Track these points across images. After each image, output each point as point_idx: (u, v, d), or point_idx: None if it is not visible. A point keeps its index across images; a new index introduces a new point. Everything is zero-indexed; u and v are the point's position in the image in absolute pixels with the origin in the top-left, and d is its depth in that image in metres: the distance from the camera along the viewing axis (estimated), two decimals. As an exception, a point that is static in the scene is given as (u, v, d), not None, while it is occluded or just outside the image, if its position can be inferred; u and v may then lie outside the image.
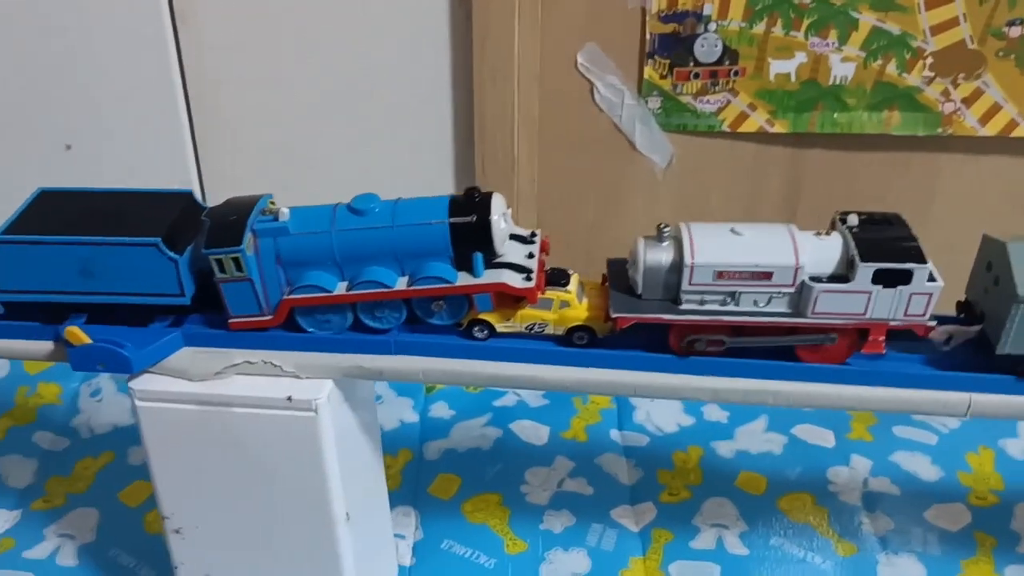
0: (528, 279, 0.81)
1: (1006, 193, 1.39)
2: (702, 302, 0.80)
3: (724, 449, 1.32)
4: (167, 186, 0.92)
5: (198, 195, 0.90)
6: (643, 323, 0.80)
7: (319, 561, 0.91)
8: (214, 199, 0.86)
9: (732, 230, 0.80)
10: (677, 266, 0.78)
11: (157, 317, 0.86)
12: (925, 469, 1.29)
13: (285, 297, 0.83)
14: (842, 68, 1.32)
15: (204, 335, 0.85)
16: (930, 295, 0.78)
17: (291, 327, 0.85)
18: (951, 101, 1.33)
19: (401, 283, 0.82)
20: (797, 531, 1.18)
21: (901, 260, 0.76)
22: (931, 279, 0.77)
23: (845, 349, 0.81)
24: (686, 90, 1.35)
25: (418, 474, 1.27)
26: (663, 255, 0.79)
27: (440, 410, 1.39)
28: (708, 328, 0.80)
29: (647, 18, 1.31)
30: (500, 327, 0.84)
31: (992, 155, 1.38)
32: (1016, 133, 1.34)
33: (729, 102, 1.35)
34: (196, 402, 0.84)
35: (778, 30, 1.30)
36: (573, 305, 0.84)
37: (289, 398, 0.82)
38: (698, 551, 1.15)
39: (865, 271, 0.77)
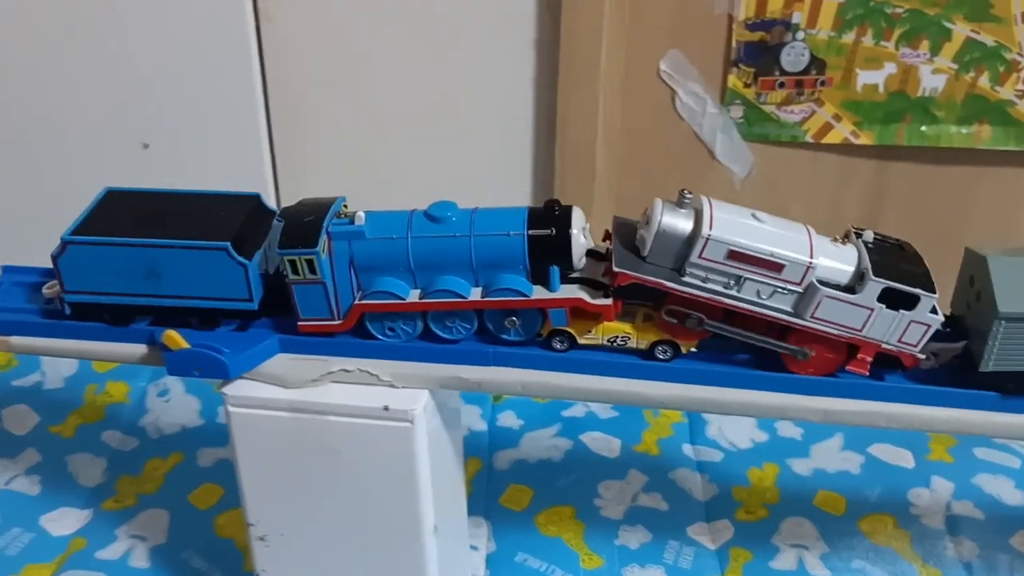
0: (605, 296, 0.80)
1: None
2: (705, 279, 0.77)
3: (800, 467, 1.29)
4: (241, 189, 0.90)
5: (272, 199, 0.90)
6: (642, 284, 0.77)
7: (405, 572, 0.89)
8: (288, 203, 0.85)
9: (754, 215, 0.77)
10: (690, 236, 0.76)
11: (223, 321, 0.85)
12: (1009, 493, 1.26)
13: (357, 302, 0.81)
14: (932, 80, 1.28)
15: (301, 342, 0.84)
16: (928, 327, 0.76)
17: (360, 333, 0.84)
18: (1044, 115, 1.29)
19: (475, 294, 0.81)
20: (880, 554, 1.15)
21: (912, 284, 0.75)
22: (933, 311, 0.76)
23: (833, 362, 0.80)
24: (770, 99, 1.32)
25: (488, 484, 1.25)
26: (680, 221, 0.76)
27: (508, 419, 1.37)
28: (704, 306, 0.78)
29: (734, 25, 1.28)
30: (581, 339, 0.82)
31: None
32: (1110, 150, 1.31)
33: (814, 112, 1.32)
34: (291, 409, 0.82)
35: (868, 40, 1.27)
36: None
37: (386, 407, 0.81)
38: (779, 571, 1.12)
39: (874, 287, 0.75)
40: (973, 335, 0.79)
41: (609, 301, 0.79)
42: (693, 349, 0.82)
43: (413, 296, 0.81)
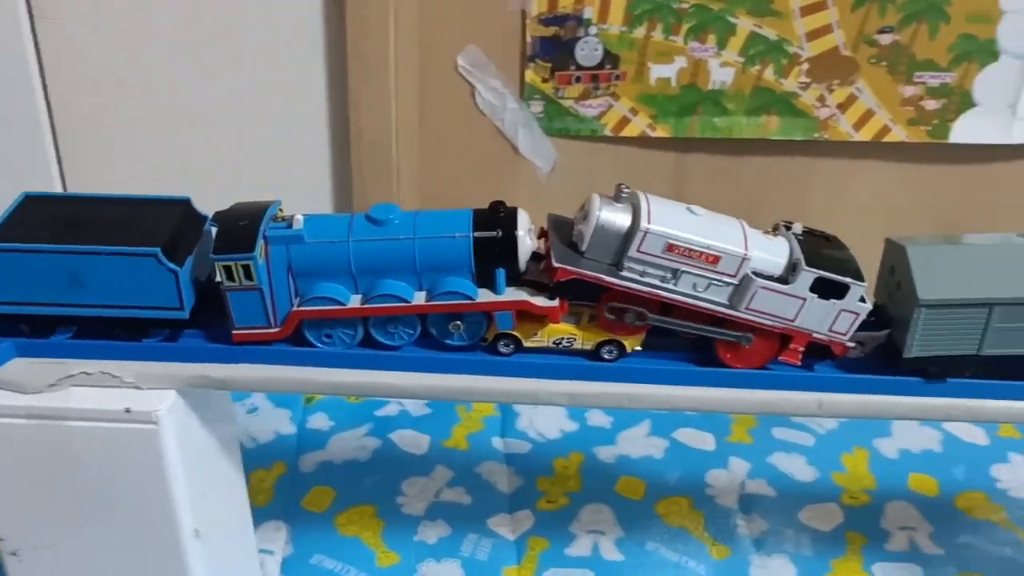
0: (551, 298, 0.79)
1: (879, 196, 1.42)
2: (643, 273, 0.77)
3: (605, 454, 1.32)
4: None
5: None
6: (582, 279, 0.77)
7: (168, 580, 0.87)
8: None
9: (689, 209, 0.78)
10: (628, 231, 0.76)
11: (152, 331, 0.81)
12: (801, 470, 1.30)
13: (295, 309, 0.79)
14: (721, 73, 1.32)
15: (39, 346, 0.81)
16: (857, 315, 0.78)
17: (298, 341, 0.81)
18: (827, 107, 1.35)
19: (419, 298, 0.79)
20: (673, 535, 1.18)
21: (841, 274, 0.77)
22: (862, 300, 0.78)
23: (767, 353, 0.81)
24: (568, 94, 1.34)
25: (292, 487, 1.23)
26: (618, 215, 0.77)
27: (319, 421, 1.36)
28: (643, 300, 0.78)
29: (527, 21, 1.29)
30: (527, 342, 0.81)
31: (867, 159, 1.40)
32: (889, 138, 1.37)
33: (611, 106, 1.34)
34: (28, 416, 0.79)
35: (658, 34, 1.30)
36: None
37: (127, 410, 0.78)
38: (573, 558, 1.14)
39: (806, 276, 0.76)
40: (896, 323, 0.81)
41: (555, 303, 0.78)
42: (638, 348, 0.82)
43: (354, 301, 0.79)
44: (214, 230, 0.79)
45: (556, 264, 0.76)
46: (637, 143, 1.38)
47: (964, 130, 1.36)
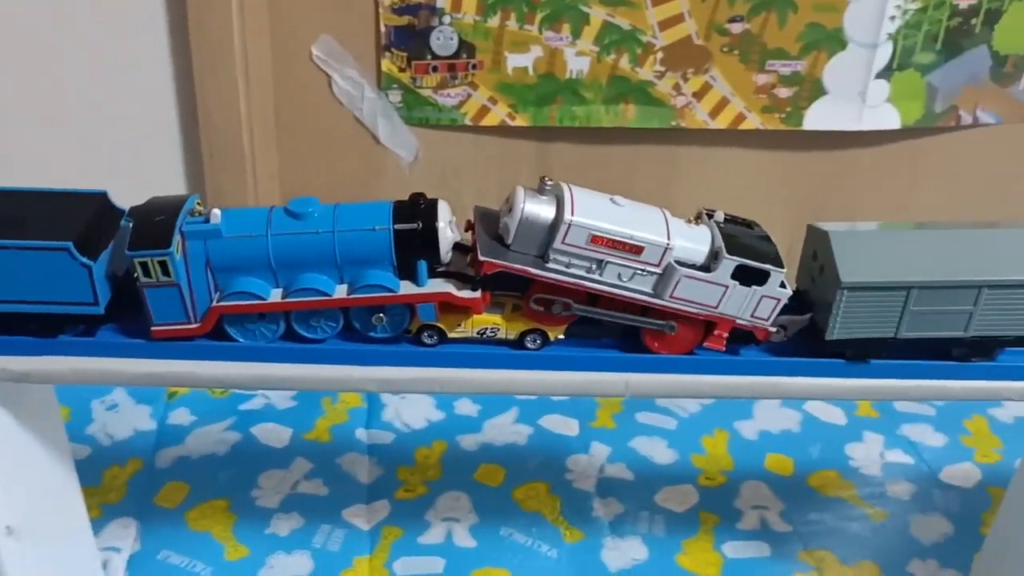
0: (474, 289, 0.79)
1: (742, 183, 1.45)
2: (568, 265, 0.77)
3: (469, 443, 1.32)
4: None
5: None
6: (508, 272, 0.77)
7: (-17, 580, 0.85)
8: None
9: (612, 200, 0.78)
10: (553, 223, 0.76)
11: (67, 327, 0.79)
12: (661, 453, 1.33)
13: (214, 304, 0.78)
14: (577, 62, 1.33)
15: None
16: (778, 300, 0.79)
17: (219, 336, 0.80)
18: (682, 95, 1.37)
19: (340, 291, 0.78)
20: (528, 520, 1.19)
21: (762, 261, 0.78)
22: (782, 286, 0.79)
23: (692, 340, 0.81)
24: (426, 83, 1.34)
25: (146, 484, 1.21)
26: (542, 208, 0.76)
27: (180, 417, 1.34)
28: (569, 291, 0.78)
29: (381, 10, 1.29)
30: (451, 333, 0.81)
31: (728, 147, 1.43)
32: (744, 126, 1.39)
33: (470, 96, 1.35)
34: None
35: (512, 24, 1.30)
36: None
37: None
38: (426, 546, 1.14)
39: (728, 264, 0.77)
40: (818, 307, 0.82)
41: (478, 294, 0.78)
42: (561, 336, 0.82)
43: (275, 296, 0.78)
44: (130, 225, 0.77)
45: (482, 257, 0.76)
46: (499, 132, 1.38)
47: (817, 117, 1.39)
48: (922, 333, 0.80)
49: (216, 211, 0.76)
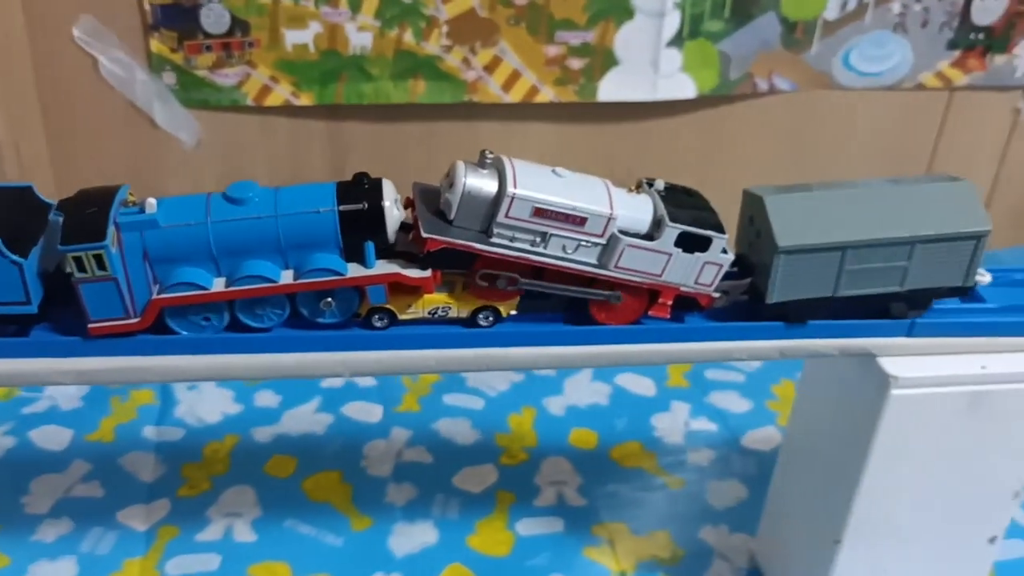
0: (423, 268, 0.77)
1: (542, 157, 1.43)
2: (512, 239, 0.77)
3: (264, 435, 1.28)
4: None
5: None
6: (452, 248, 0.75)
7: None
8: None
9: (553, 171, 0.78)
10: (495, 196, 0.75)
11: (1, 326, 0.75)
12: (464, 434, 1.30)
13: (154, 297, 0.75)
14: (360, 37, 1.30)
15: None
16: (720, 266, 0.80)
17: (160, 330, 0.77)
18: (473, 69, 1.34)
19: (286, 277, 0.76)
20: (315, 511, 1.15)
21: (704, 227, 0.78)
22: (724, 251, 0.79)
23: (637, 309, 0.82)
24: (200, 63, 1.28)
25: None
26: (484, 181, 0.75)
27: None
28: (514, 266, 0.78)
29: (144, -12, 1.24)
30: (402, 314, 0.79)
31: (525, 121, 1.41)
32: (539, 99, 1.38)
33: (249, 75, 1.30)
34: None
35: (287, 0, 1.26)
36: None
37: None
38: (203, 543, 1.10)
39: (671, 232, 0.78)
40: (758, 271, 0.83)
41: (428, 273, 0.76)
42: (514, 312, 0.81)
43: (218, 285, 0.75)
44: (60, 219, 0.74)
45: (425, 234, 0.75)
46: (286, 112, 1.34)
47: (611, 88, 1.39)
48: (860, 291, 0.82)
49: (151, 200, 0.74)
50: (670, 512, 1.19)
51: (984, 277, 0.85)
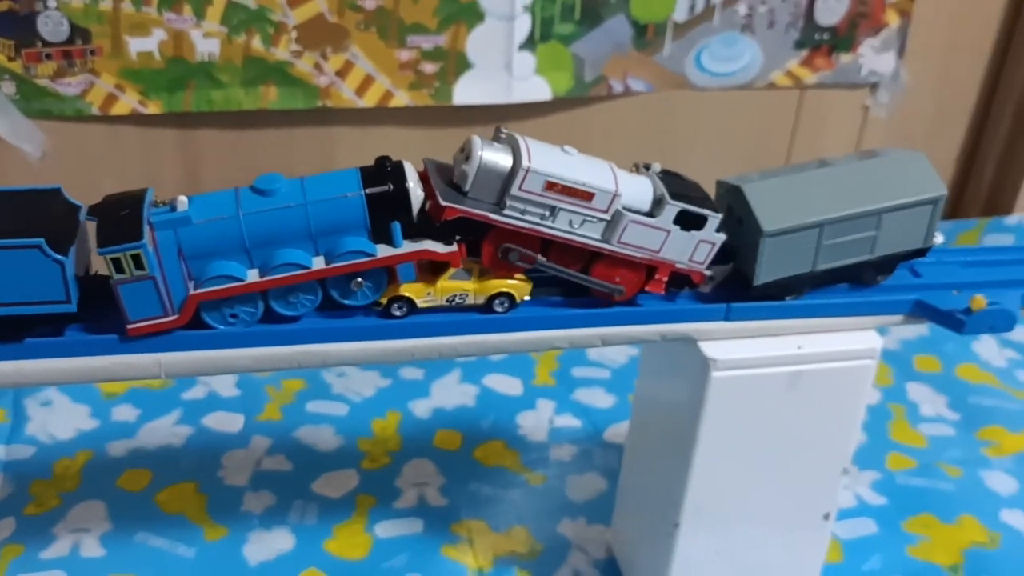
0: (449, 243, 0.79)
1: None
2: (523, 212, 0.80)
3: (118, 449, 1.25)
4: None
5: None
6: (468, 217, 0.78)
7: None
8: None
9: (563, 149, 0.82)
10: (511, 170, 0.78)
11: (36, 328, 0.76)
12: (327, 441, 1.30)
13: (192, 292, 0.76)
14: (207, 44, 1.29)
15: None
16: (713, 244, 0.84)
17: (197, 326, 0.78)
18: (325, 74, 1.34)
19: (318, 263, 0.78)
20: (168, 523, 1.13)
21: (700, 206, 0.83)
22: (717, 231, 0.83)
23: (636, 284, 0.85)
24: (41, 72, 1.26)
25: None
26: (500, 155, 0.78)
27: None
28: (525, 238, 0.81)
29: (-26, -5, 1.20)
30: (420, 302, 0.82)
31: (382, 126, 1.42)
32: (394, 103, 1.38)
33: (93, 84, 1.28)
34: None
35: (129, 6, 1.24)
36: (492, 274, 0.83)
37: None
38: (48, 561, 1.07)
39: (671, 209, 0.82)
40: (741, 256, 0.87)
41: (454, 247, 0.79)
42: (527, 298, 0.84)
43: (253, 276, 0.77)
44: (91, 224, 0.76)
45: (444, 203, 0.77)
46: (133, 121, 1.32)
47: (466, 92, 1.40)
48: (836, 262, 0.88)
49: (183, 198, 0.76)
50: (530, 508, 1.20)
51: (939, 237, 0.92)
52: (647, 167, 0.87)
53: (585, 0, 1.39)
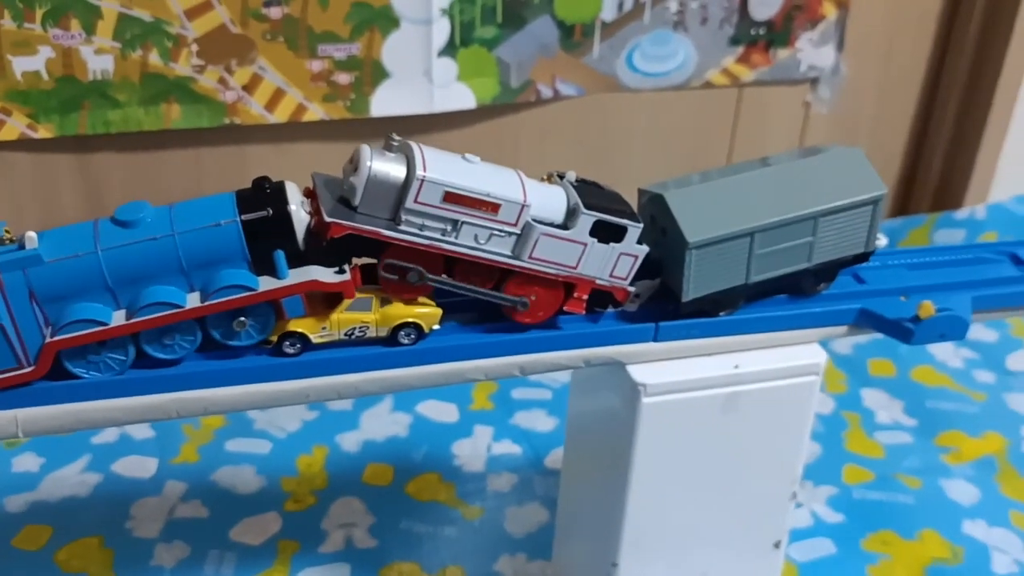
0: (341, 271, 0.72)
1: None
2: (422, 227, 0.73)
3: (16, 504, 1.15)
4: None
5: None
6: (358, 234, 0.70)
7: None
8: None
9: (464, 158, 0.75)
10: (404, 181, 0.71)
11: None
12: (247, 482, 1.20)
13: (49, 340, 0.68)
14: (99, 61, 1.19)
15: None
16: (636, 257, 0.78)
17: (59, 375, 0.70)
18: (231, 89, 1.25)
19: (193, 300, 0.70)
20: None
21: (618, 216, 0.76)
22: (639, 243, 0.77)
23: (553, 304, 0.78)
24: (-84, 98, 1.16)
25: None
26: (391, 165, 0.71)
27: None
28: (424, 256, 0.73)
29: None
30: (315, 338, 0.74)
31: (297, 142, 1.33)
32: (307, 117, 1.30)
33: (-25, 108, 1.18)
34: None
35: (9, 22, 1.15)
36: (396, 302, 0.75)
37: None
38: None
39: (586, 220, 0.75)
40: (668, 270, 0.81)
41: (347, 276, 0.72)
42: (436, 327, 0.77)
43: (118, 318, 0.69)
44: None
45: (328, 219, 0.69)
46: (25, 147, 1.22)
47: (384, 102, 1.32)
48: (771, 273, 0.81)
49: (31, 234, 0.68)
50: (465, 545, 1.12)
51: (882, 240, 0.86)
52: (561, 176, 0.80)
53: (507, 2, 1.32)
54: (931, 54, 1.66)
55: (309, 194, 0.74)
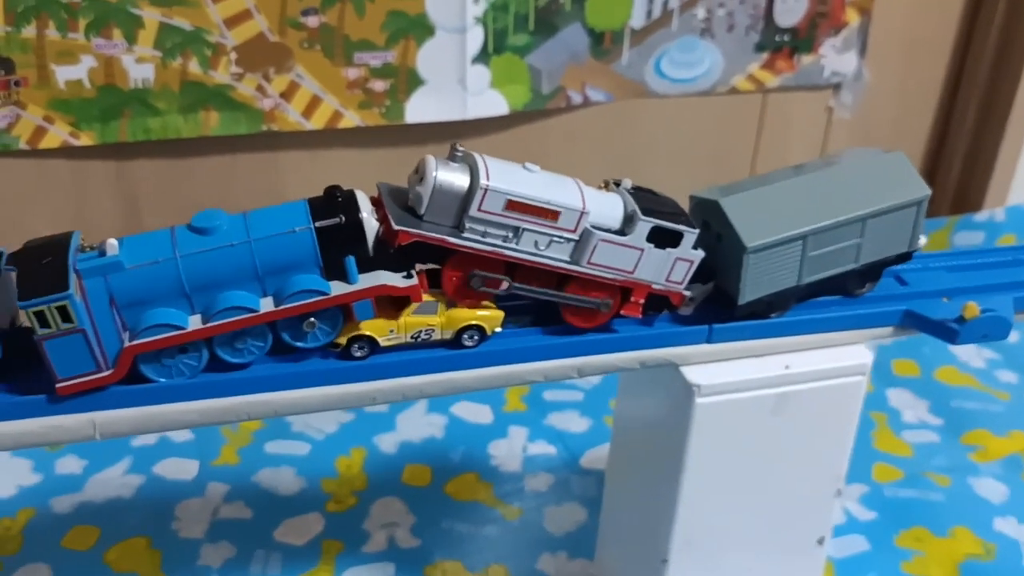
0: (408, 276, 0.74)
1: (349, 184, 1.37)
2: (484, 234, 0.75)
3: (63, 505, 1.17)
4: None
5: None
6: (424, 241, 0.72)
7: None
8: None
9: (524, 167, 0.76)
10: (467, 190, 0.73)
11: None
12: (288, 484, 1.22)
13: (127, 344, 0.69)
14: (140, 70, 1.21)
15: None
16: (692, 262, 0.79)
17: (135, 380, 0.71)
18: (269, 97, 1.27)
19: (266, 304, 0.72)
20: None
21: (675, 222, 0.77)
22: (695, 248, 0.78)
23: (610, 310, 0.80)
24: (-39, 106, 1.18)
25: None
26: (456, 175, 0.73)
27: None
28: (488, 262, 0.75)
29: None
30: (383, 340, 0.75)
31: (332, 148, 1.35)
32: (343, 124, 1.32)
33: (19, 116, 1.20)
34: None
35: (53, 33, 1.16)
36: (460, 305, 0.77)
37: None
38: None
39: (644, 226, 0.77)
40: (722, 274, 0.82)
41: (414, 280, 0.73)
42: (499, 329, 0.78)
43: (195, 323, 0.71)
44: (12, 274, 0.69)
45: (397, 227, 0.71)
46: (65, 154, 1.24)
47: (419, 109, 1.34)
48: (821, 274, 0.83)
49: (112, 241, 0.69)
50: (507, 544, 1.14)
51: (923, 240, 0.88)
52: (617, 183, 0.82)
53: (539, 10, 1.34)
54: (951, 60, 1.68)
55: (375, 202, 0.76)
